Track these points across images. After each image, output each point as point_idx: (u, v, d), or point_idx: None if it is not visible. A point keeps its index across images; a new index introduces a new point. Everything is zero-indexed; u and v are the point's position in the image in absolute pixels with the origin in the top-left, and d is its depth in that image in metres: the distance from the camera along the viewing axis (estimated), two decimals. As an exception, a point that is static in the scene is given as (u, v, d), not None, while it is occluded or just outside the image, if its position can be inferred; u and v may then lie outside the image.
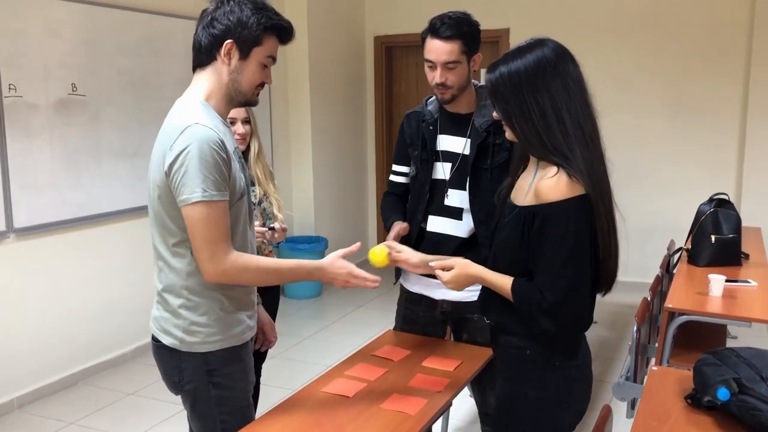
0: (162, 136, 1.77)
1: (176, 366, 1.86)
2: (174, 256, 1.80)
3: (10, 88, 3.61)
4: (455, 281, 1.84)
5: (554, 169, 1.63)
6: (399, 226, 2.39)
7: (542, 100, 1.61)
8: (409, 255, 2.06)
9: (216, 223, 1.70)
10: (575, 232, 1.60)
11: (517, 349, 1.76)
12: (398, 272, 2.60)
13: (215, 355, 1.84)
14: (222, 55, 1.77)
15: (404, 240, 2.50)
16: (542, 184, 1.63)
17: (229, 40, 1.76)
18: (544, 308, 1.64)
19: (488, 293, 1.81)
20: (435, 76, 2.29)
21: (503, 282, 1.73)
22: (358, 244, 2.02)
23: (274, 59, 1.85)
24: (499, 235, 1.80)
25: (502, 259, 1.77)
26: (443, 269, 1.87)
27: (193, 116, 1.72)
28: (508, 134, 1.73)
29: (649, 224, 5.81)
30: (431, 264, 1.93)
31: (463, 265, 1.84)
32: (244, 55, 1.78)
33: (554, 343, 1.71)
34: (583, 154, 1.61)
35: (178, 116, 1.76)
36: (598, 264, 1.68)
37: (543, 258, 1.64)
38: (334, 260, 1.90)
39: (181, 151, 1.68)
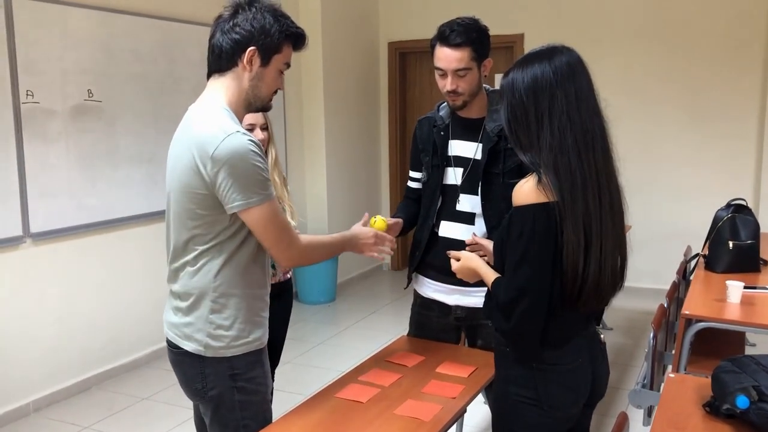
0: (190, 142, 1.76)
1: (199, 372, 1.86)
2: (202, 261, 1.80)
3: (27, 95, 3.65)
4: (460, 273, 1.99)
5: (531, 174, 1.69)
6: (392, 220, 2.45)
7: (529, 107, 1.66)
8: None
9: (280, 215, 1.79)
10: (529, 237, 1.64)
11: (502, 345, 1.81)
12: (409, 277, 2.59)
13: (239, 359, 1.85)
14: (244, 61, 1.78)
15: (416, 244, 2.51)
16: (515, 189, 1.70)
17: (252, 47, 1.77)
18: (499, 306, 1.72)
19: (489, 291, 1.86)
20: (446, 84, 2.28)
21: (490, 278, 1.82)
22: (366, 215, 2.26)
23: (288, 66, 1.87)
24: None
25: (495, 259, 1.85)
26: (456, 259, 2.00)
27: (228, 124, 1.73)
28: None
29: (666, 230, 5.77)
30: (448, 252, 2.07)
31: (467, 258, 1.97)
32: (265, 62, 1.80)
33: (509, 342, 1.76)
34: (557, 161, 1.62)
35: (209, 123, 1.75)
36: (564, 277, 1.66)
37: (507, 259, 1.72)
38: (360, 229, 2.15)
39: (228, 159, 1.68)
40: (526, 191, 1.66)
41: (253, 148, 1.71)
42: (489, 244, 2.13)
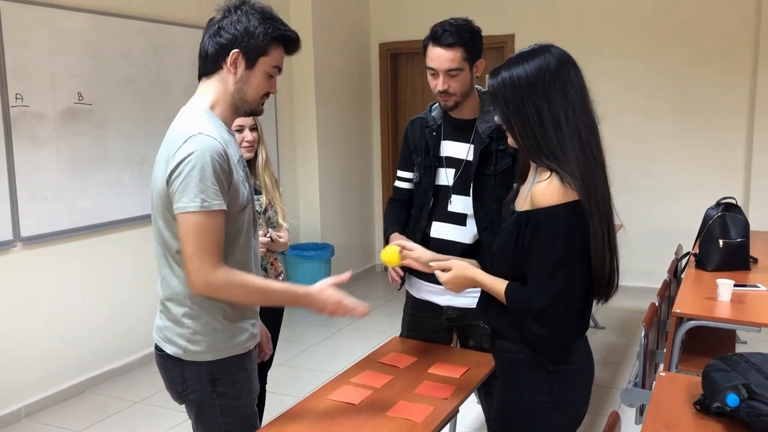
0: (165, 145, 1.77)
1: (180, 375, 1.86)
2: (178, 265, 1.79)
3: (16, 98, 3.63)
4: (453, 283, 1.86)
5: (548, 173, 1.66)
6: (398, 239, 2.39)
7: (540, 104, 1.63)
8: (420, 253, 2.05)
9: (209, 233, 1.68)
10: (566, 237, 1.62)
11: (512, 353, 1.77)
12: (403, 278, 2.59)
13: (219, 363, 1.84)
14: (228, 64, 1.77)
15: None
16: (535, 189, 1.66)
17: (235, 50, 1.76)
18: (533, 312, 1.65)
19: (486, 297, 1.82)
20: (437, 84, 2.29)
21: (498, 285, 1.75)
22: (349, 273, 1.95)
23: (279, 69, 1.85)
24: (496, 240, 1.82)
25: (499, 264, 1.79)
26: (443, 270, 1.88)
27: (197, 125, 1.72)
28: (510, 139, 1.75)
29: (657, 229, 5.79)
30: (431, 264, 1.94)
31: (461, 267, 1.86)
32: (251, 64, 1.78)
33: (545, 347, 1.72)
34: (579, 158, 1.62)
35: (181, 125, 1.75)
36: (591, 271, 1.68)
37: (534, 262, 1.66)
38: (324, 288, 1.87)
39: (183, 160, 1.67)
40: (552, 192, 1.62)
41: (214, 154, 1.67)
42: (419, 253, 2.03)
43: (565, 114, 1.62)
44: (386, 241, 2.48)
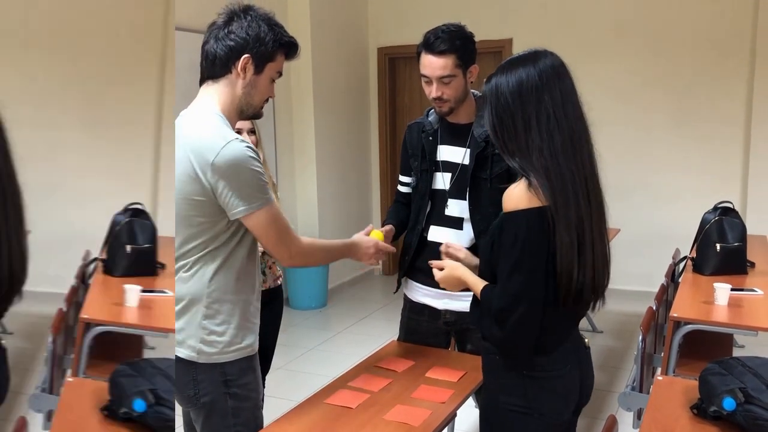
0: (187, 149, 1.77)
1: (192, 379, 1.86)
2: (196, 267, 1.81)
3: (15, 102, 3.63)
4: (445, 282, 1.95)
5: (522, 178, 1.68)
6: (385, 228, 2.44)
7: (515, 111, 1.65)
8: (464, 255, 2.06)
9: (280, 219, 1.83)
10: (524, 242, 1.62)
11: (491, 354, 1.79)
12: (399, 282, 2.60)
13: (233, 365, 1.86)
14: (238, 68, 1.79)
15: (405, 248, 2.52)
16: (505, 194, 1.69)
17: (246, 55, 1.78)
18: (493, 313, 1.69)
19: (475, 297, 1.84)
20: (431, 91, 2.30)
21: (478, 286, 1.79)
22: (370, 226, 2.30)
23: (280, 74, 1.89)
24: (481, 243, 1.87)
25: (482, 266, 1.84)
26: (439, 269, 1.96)
27: (226, 131, 1.76)
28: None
29: (654, 233, 5.80)
30: (430, 262, 2.02)
31: (452, 266, 1.92)
32: (259, 70, 1.81)
33: (503, 350, 1.74)
34: (548, 165, 1.62)
35: (208, 130, 1.76)
36: (558, 280, 1.65)
37: (497, 266, 1.70)
38: (362, 238, 2.19)
39: (229, 167, 1.71)
40: (518, 196, 1.64)
41: (251, 155, 1.74)
42: (459, 252, 2.06)
43: (537, 119, 1.63)
44: None
